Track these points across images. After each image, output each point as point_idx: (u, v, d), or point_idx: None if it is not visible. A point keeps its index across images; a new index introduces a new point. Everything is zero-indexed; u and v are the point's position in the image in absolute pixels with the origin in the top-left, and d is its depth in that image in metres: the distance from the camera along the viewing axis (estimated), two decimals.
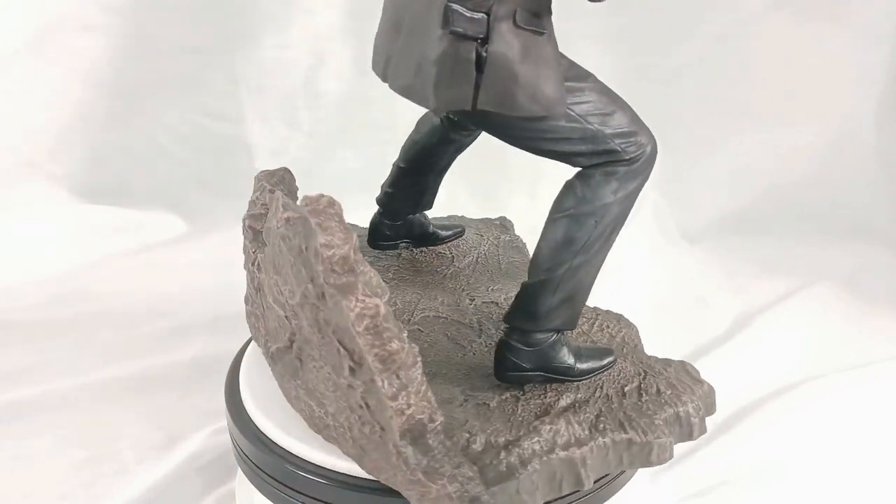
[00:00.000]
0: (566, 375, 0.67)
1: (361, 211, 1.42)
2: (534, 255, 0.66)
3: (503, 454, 0.58)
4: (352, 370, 0.53)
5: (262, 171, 0.70)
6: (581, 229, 0.63)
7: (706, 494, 0.81)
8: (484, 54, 0.57)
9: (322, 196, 0.52)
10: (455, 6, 0.57)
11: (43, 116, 1.37)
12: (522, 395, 0.65)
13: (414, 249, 0.86)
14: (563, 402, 0.65)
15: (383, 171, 1.49)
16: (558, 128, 0.61)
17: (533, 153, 0.64)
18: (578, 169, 0.65)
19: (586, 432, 0.62)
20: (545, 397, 0.65)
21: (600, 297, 0.76)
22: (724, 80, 1.39)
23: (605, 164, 0.63)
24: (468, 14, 0.57)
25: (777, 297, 1.17)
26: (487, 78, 0.57)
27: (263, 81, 1.40)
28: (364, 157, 1.39)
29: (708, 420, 0.91)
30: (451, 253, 0.86)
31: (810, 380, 0.97)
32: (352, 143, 1.43)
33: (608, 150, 0.63)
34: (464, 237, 0.89)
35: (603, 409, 0.64)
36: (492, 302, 0.79)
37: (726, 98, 1.39)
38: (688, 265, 1.27)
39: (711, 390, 0.69)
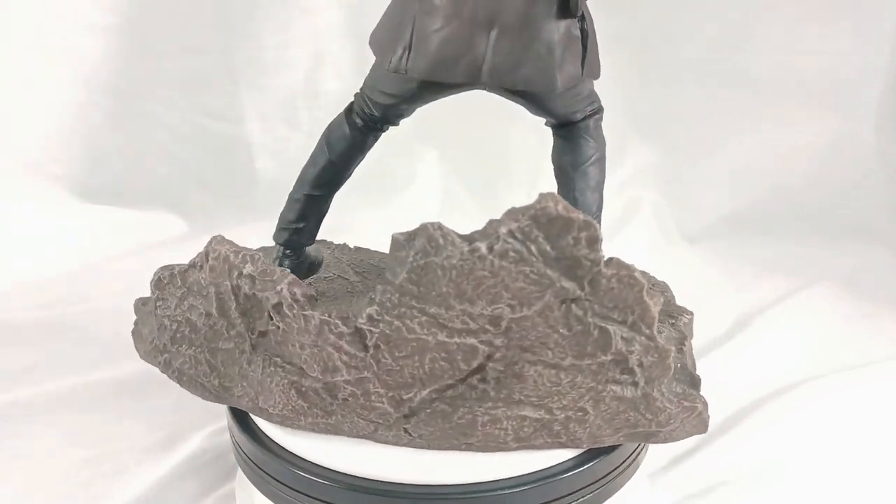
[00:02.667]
0: None
1: (361, 211, 1.42)
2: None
3: (671, 369, 0.63)
4: (625, 339, 0.59)
5: (226, 247, 0.64)
6: (601, 171, 0.72)
7: (706, 494, 0.81)
8: (586, 29, 0.64)
9: (549, 193, 0.55)
10: None
11: (43, 116, 1.37)
12: None
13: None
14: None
15: (382, 172, 1.49)
16: (585, 88, 0.68)
17: (549, 116, 0.69)
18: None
19: (670, 330, 0.72)
20: None
21: None
22: (724, 80, 1.39)
23: (592, 113, 0.71)
24: None
25: (777, 297, 1.17)
26: (588, 51, 0.64)
27: (263, 81, 1.40)
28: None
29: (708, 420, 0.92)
30: (333, 275, 0.78)
31: (810, 380, 0.97)
32: None
33: (594, 100, 0.71)
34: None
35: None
36: None
37: (726, 98, 1.39)
38: (688, 265, 1.27)
39: None
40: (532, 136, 1.40)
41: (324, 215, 0.75)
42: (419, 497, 0.61)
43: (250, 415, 0.69)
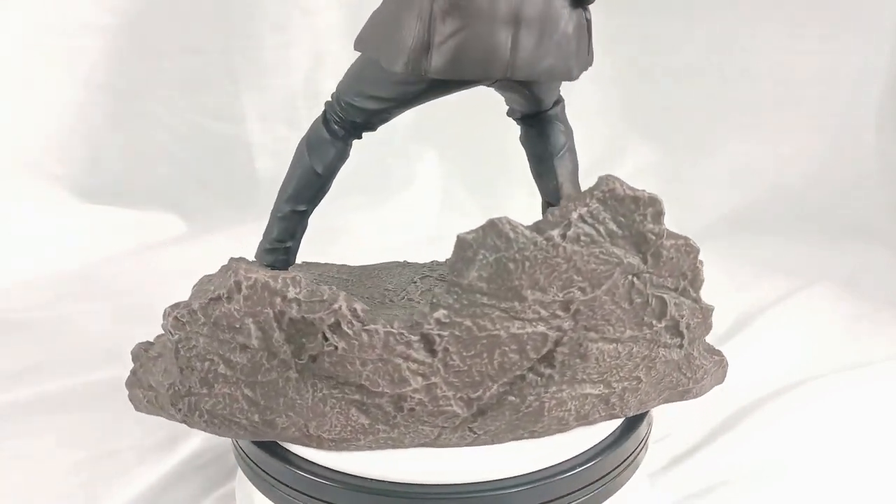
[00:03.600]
0: None
1: (360, 212, 1.42)
2: (561, 193, 0.75)
3: (712, 327, 0.68)
4: (676, 305, 0.64)
5: (260, 274, 0.60)
6: (575, 158, 0.75)
7: (706, 494, 0.81)
8: (589, 17, 0.66)
9: (609, 175, 0.59)
10: None
11: (43, 116, 1.37)
12: None
13: None
14: None
15: (381, 172, 1.49)
16: None
17: (535, 106, 0.72)
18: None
19: None
20: None
21: None
22: (724, 80, 1.39)
23: (558, 100, 0.74)
24: None
25: (777, 297, 1.17)
26: (592, 38, 0.67)
27: (263, 81, 1.40)
28: (362, 157, 1.39)
29: (708, 420, 0.92)
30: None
31: (810, 380, 0.97)
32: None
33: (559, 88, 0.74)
34: None
35: None
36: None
37: (726, 98, 1.39)
38: None
39: None
40: None
41: (305, 230, 0.74)
42: (420, 497, 0.61)
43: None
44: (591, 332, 0.62)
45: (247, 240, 1.33)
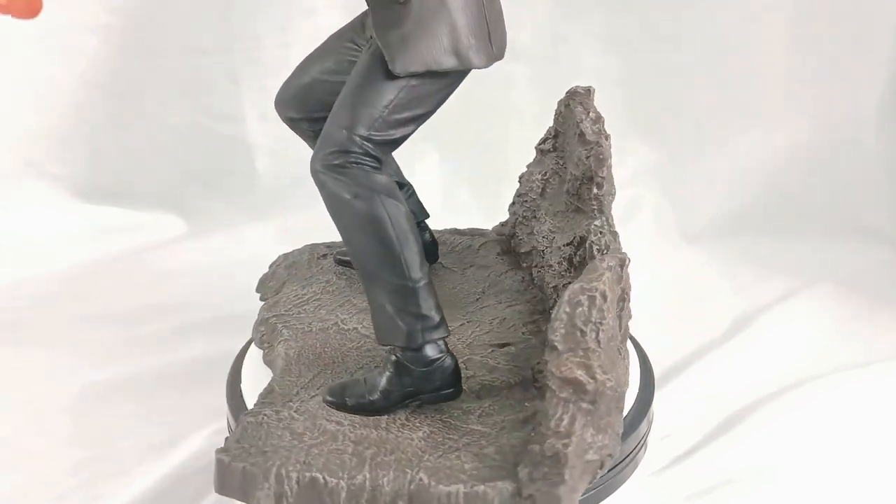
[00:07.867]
0: None
1: None
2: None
3: None
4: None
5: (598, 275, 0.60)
6: None
7: (706, 494, 0.81)
8: None
9: (578, 86, 0.77)
10: None
11: (43, 116, 1.37)
12: None
13: None
14: None
15: None
16: None
17: None
18: None
19: None
20: None
21: None
22: (724, 80, 1.39)
23: None
24: None
25: (777, 297, 1.17)
26: None
27: (263, 81, 1.40)
28: None
29: (708, 420, 0.92)
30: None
31: (810, 380, 0.97)
32: None
33: None
34: None
35: None
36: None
37: (726, 98, 1.39)
38: (688, 265, 1.27)
39: None
40: (530, 133, 1.39)
41: None
42: None
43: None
44: None
45: (247, 239, 1.33)
